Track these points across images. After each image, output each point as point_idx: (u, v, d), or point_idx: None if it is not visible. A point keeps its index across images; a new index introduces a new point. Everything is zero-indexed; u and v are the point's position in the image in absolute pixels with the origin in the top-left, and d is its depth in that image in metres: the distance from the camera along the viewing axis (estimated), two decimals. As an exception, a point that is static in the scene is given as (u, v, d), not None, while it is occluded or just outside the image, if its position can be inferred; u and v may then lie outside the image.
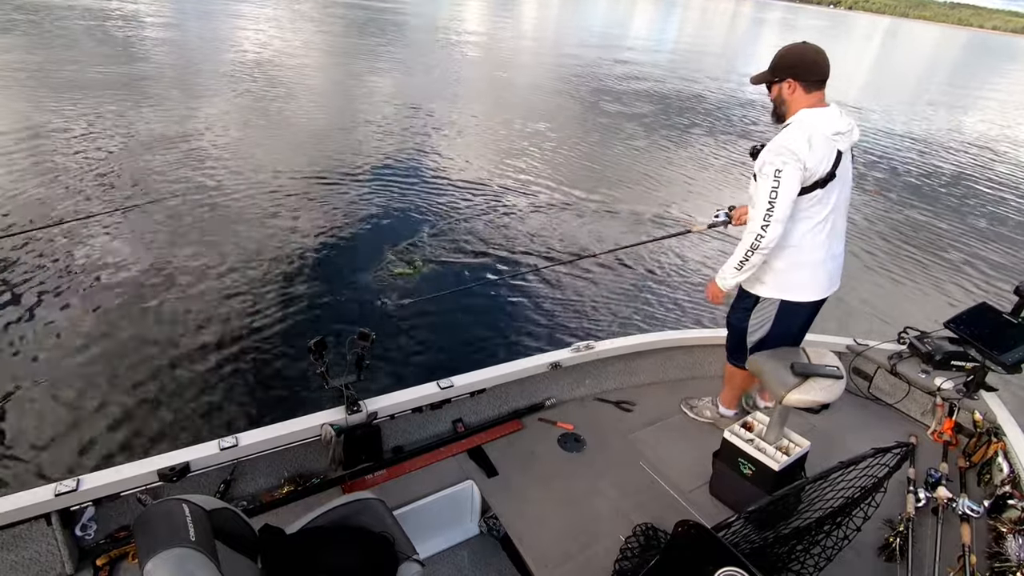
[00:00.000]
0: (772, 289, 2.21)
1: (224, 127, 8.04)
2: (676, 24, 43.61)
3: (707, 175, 8.63)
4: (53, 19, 13.94)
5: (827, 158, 1.98)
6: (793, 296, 2.19)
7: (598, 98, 12.84)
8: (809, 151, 1.95)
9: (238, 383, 3.52)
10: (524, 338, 4.26)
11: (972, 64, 45.09)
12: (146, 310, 4.07)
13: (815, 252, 2.13)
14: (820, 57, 2.01)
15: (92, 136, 7.09)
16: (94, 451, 2.99)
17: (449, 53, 16.67)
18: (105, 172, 6.15)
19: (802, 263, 2.14)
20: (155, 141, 7.19)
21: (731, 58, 26.06)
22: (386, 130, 8.78)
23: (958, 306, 4.94)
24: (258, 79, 10.40)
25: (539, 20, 31.33)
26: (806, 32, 50.28)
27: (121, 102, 8.44)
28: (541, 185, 7.32)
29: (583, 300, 4.84)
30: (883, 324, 4.88)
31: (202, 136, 7.57)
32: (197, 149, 7.11)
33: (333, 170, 6.94)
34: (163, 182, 6.08)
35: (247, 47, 13.03)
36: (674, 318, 4.77)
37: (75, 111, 7.83)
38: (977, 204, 8.88)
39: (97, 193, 5.68)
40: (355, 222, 5.68)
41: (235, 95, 9.54)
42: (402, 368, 3.76)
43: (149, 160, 6.56)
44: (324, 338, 2.02)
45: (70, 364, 3.52)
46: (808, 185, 2.00)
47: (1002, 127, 16.44)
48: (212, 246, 4.95)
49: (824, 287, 2.20)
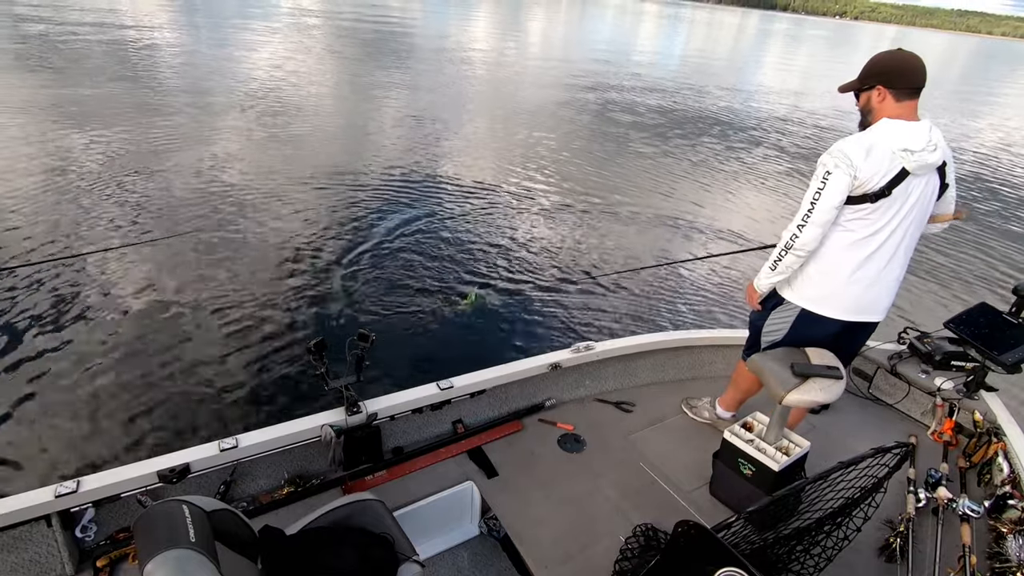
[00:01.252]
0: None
1: (229, 138, 8.06)
2: (683, 38, 43.54)
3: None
4: (47, 40, 13.97)
5: (884, 173, 1.83)
6: (813, 307, 2.07)
7: (608, 110, 12.86)
8: (865, 160, 1.82)
9: (238, 384, 3.52)
10: (524, 338, 4.26)
11: (980, 69, 45.09)
12: (146, 312, 4.07)
13: (844, 268, 1.98)
14: (916, 63, 1.86)
15: (98, 153, 7.10)
16: (94, 452, 2.99)
17: (465, 70, 16.65)
18: (110, 188, 6.16)
19: (829, 275, 2.01)
20: (160, 154, 7.20)
21: (741, 70, 26.04)
22: (391, 144, 8.81)
23: (958, 306, 4.95)
24: (268, 99, 10.37)
25: (546, 36, 31.32)
26: (812, 42, 50.23)
27: (133, 126, 8.41)
28: (545, 192, 7.32)
29: (583, 300, 4.84)
30: (883, 324, 4.87)
31: (205, 147, 7.58)
32: (199, 158, 7.11)
33: (335, 178, 6.96)
34: (161, 191, 6.08)
35: (259, 69, 13.03)
36: (674, 318, 4.77)
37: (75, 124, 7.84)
38: (977, 204, 8.88)
39: (98, 207, 5.68)
40: (355, 226, 5.69)
41: (242, 111, 9.52)
42: (402, 369, 3.76)
43: (153, 171, 6.56)
44: (324, 339, 2.03)
45: (70, 366, 3.52)
46: (856, 195, 1.87)
47: (1006, 131, 16.44)
48: (213, 251, 4.96)
49: (847, 309, 2.04)
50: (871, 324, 2.15)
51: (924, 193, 1.93)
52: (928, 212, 2.00)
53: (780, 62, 30.76)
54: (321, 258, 5.00)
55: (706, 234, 6.46)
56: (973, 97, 23.64)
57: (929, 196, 1.95)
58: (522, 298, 4.75)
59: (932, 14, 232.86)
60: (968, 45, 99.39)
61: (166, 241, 4.97)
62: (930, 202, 1.98)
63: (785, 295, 2.15)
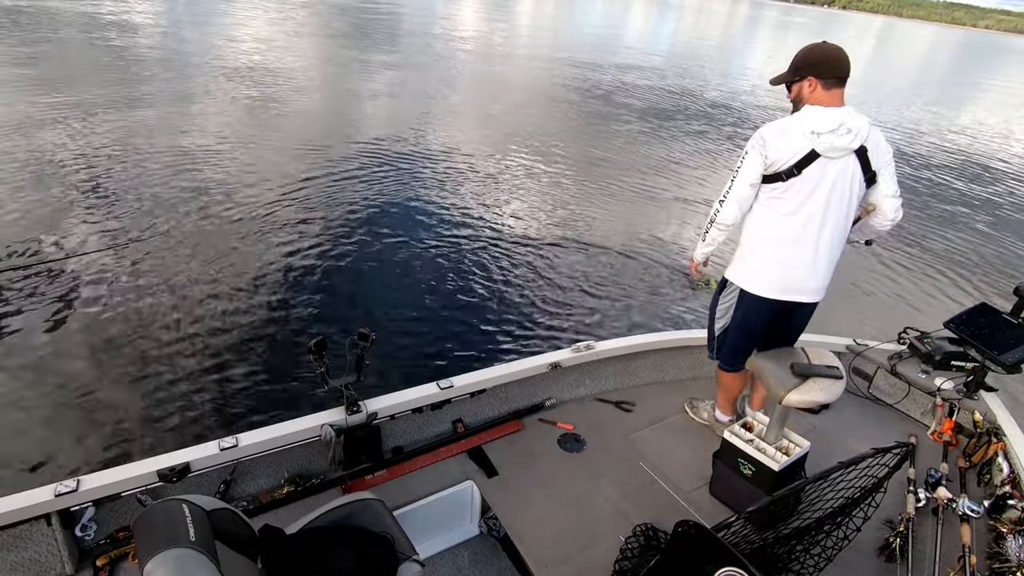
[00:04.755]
0: (733, 272, 2.25)
1: (217, 131, 8.03)
2: (672, 24, 43.61)
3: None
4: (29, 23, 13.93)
5: (793, 153, 1.95)
6: (747, 285, 2.19)
7: (603, 99, 12.84)
8: (778, 141, 1.96)
9: (238, 383, 3.52)
10: (524, 338, 4.26)
11: (969, 61, 45.11)
12: (146, 312, 4.06)
13: (768, 247, 2.11)
14: (840, 54, 2.00)
15: (85, 138, 7.09)
16: (94, 451, 2.99)
17: (464, 58, 16.64)
18: (103, 178, 6.15)
19: (756, 252, 2.15)
20: (152, 148, 7.19)
21: (728, 57, 26.05)
22: (384, 134, 8.78)
23: (958, 306, 4.95)
24: (258, 86, 10.35)
25: (535, 22, 31.29)
26: (801, 31, 50.23)
27: (117, 111, 8.42)
28: (551, 192, 7.32)
29: (583, 301, 4.84)
30: (883, 324, 4.88)
31: (195, 140, 7.57)
32: (190, 153, 7.10)
33: (336, 178, 6.94)
34: (159, 186, 6.07)
35: (245, 53, 13.01)
36: (674, 318, 4.77)
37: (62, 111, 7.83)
38: (977, 203, 8.88)
39: (94, 201, 5.68)
40: (355, 225, 5.68)
41: (232, 101, 9.51)
42: (402, 368, 3.76)
43: (145, 168, 6.55)
44: (324, 338, 2.03)
45: (70, 365, 3.52)
46: (768, 174, 2.01)
47: (1002, 125, 16.44)
48: (211, 249, 4.95)
49: (774, 288, 2.13)
50: (804, 305, 2.20)
51: (843, 178, 2.00)
52: (852, 199, 2.06)
53: (765, 49, 30.70)
54: (321, 257, 5.00)
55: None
56: (978, 91, 23.66)
57: (850, 182, 2.02)
58: (522, 298, 4.75)
59: (919, 5, 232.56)
60: (954, 37, 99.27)
61: (164, 241, 4.96)
62: (851, 189, 2.03)
63: (727, 276, 2.28)
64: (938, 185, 9.60)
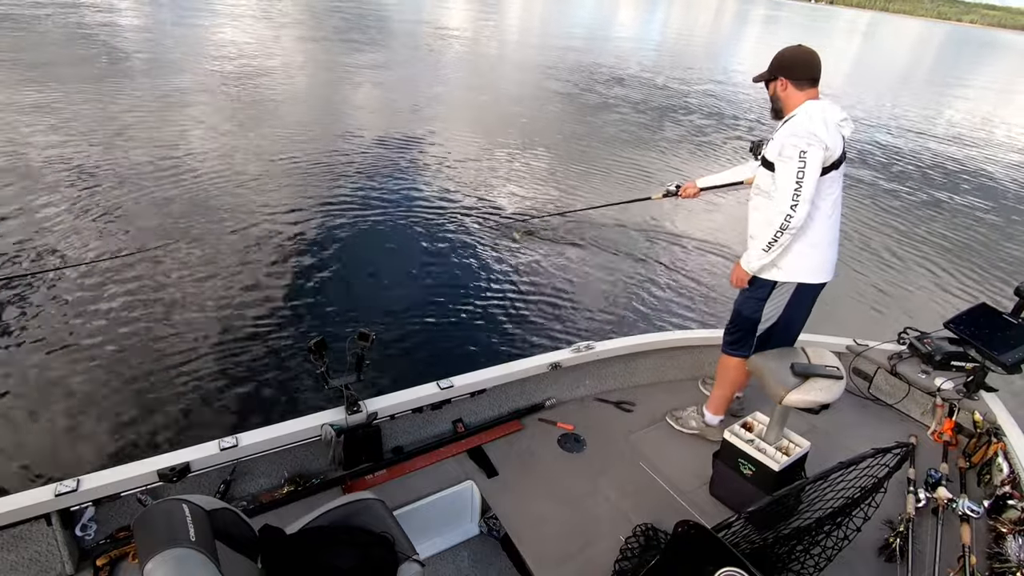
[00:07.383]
0: (788, 272, 2.24)
1: (217, 130, 8.03)
2: (662, 19, 43.48)
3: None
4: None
5: (838, 142, 2.08)
6: (808, 278, 2.24)
7: (594, 94, 12.84)
8: (827, 134, 2.05)
9: (238, 383, 3.52)
10: (524, 338, 4.26)
11: (961, 56, 45.02)
12: (146, 312, 4.06)
13: (827, 233, 2.20)
14: (811, 57, 2.14)
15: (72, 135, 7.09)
16: (94, 451, 2.99)
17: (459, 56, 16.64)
18: (101, 179, 6.15)
19: (816, 244, 2.19)
20: (142, 147, 7.19)
21: (717, 54, 26.05)
22: (384, 134, 8.78)
23: (958, 306, 4.96)
24: (247, 88, 10.30)
25: (526, 18, 31.18)
26: (790, 27, 50.09)
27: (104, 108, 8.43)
28: (547, 192, 7.32)
29: (584, 300, 4.84)
30: (883, 324, 4.88)
31: (189, 141, 7.57)
32: (186, 155, 7.10)
33: (334, 176, 6.94)
34: (153, 190, 6.07)
35: (234, 54, 12.98)
36: (674, 318, 4.77)
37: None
38: (976, 203, 8.88)
39: (91, 205, 5.68)
40: (355, 224, 5.68)
41: (223, 101, 9.51)
42: (402, 368, 3.76)
43: (138, 167, 6.55)
44: (324, 338, 2.03)
45: (70, 365, 3.52)
46: (827, 166, 2.08)
47: (1000, 123, 16.44)
48: (211, 248, 4.95)
49: (830, 270, 2.27)
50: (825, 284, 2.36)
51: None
52: None
53: (748, 44, 30.61)
54: (321, 257, 5.00)
55: (707, 232, 6.46)
56: (964, 86, 23.65)
57: None
58: (522, 298, 4.75)
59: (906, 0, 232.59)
60: (941, 31, 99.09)
61: (163, 243, 4.96)
62: None
63: (777, 278, 2.27)
64: (937, 184, 9.60)
